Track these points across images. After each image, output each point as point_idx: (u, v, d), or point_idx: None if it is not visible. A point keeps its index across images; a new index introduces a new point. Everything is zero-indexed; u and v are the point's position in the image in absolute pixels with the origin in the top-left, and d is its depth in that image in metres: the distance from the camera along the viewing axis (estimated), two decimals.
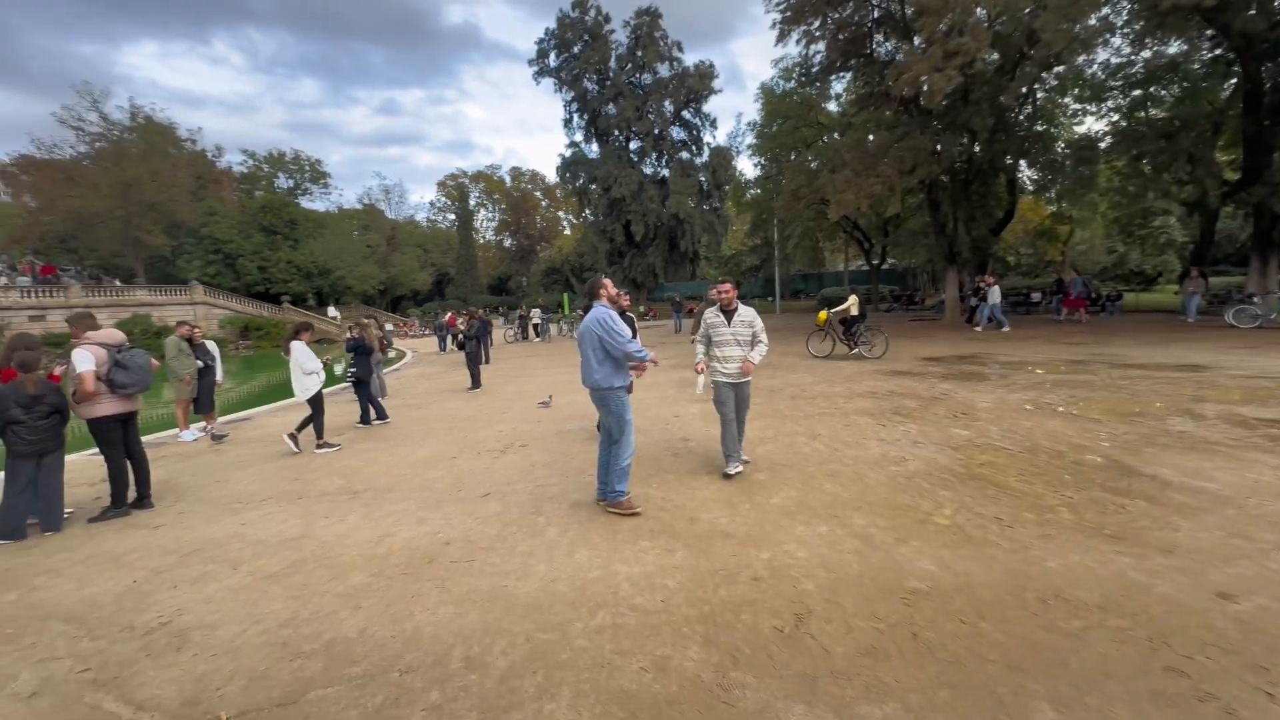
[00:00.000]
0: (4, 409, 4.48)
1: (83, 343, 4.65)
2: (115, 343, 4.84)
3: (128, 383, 4.77)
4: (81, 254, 41.40)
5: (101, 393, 4.67)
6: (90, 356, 4.57)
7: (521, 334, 25.22)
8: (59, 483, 4.82)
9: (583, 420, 7.85)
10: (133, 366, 4.77)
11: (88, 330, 4.71)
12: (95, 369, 4.59)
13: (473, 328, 11.66)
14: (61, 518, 4.86)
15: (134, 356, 4.84)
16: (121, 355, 4.75)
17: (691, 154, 46.06)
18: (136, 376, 4.80)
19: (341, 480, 5.71)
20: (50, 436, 4.71)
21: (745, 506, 4.27)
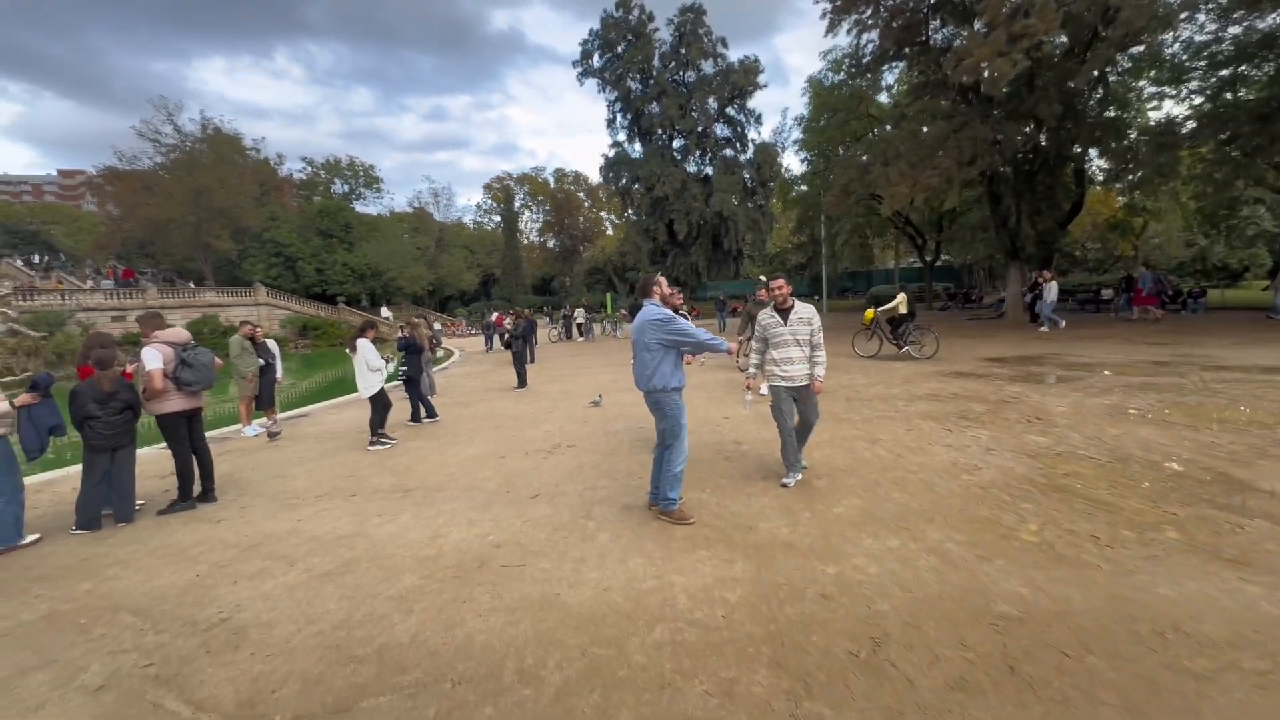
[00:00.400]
0: (81, 405, 4.67)
1: (151, 341, 4.81)
2: (181, 341, 5.00)
3: (193, 380, 4.91)
4: (158, 258, 44.16)
5: (169, 390, 4.82)
6: (158, 355, 4.72)
7: (565, 334, 25.37)
8: (131, 476, 5.01)
9: (629, 421, 7.72)
10: (197, 364, 4.91)
11: (156, 330, 4.87)
12: (163, 367, 4.74)
13: (519, 327, 11.71)
14: (133, 509, 5.05)
15: (198, 355, 4.98)
16: (187, 354, 4.90)
17: (735, 151, 45.53)
18: (201, 374, 4.94)
19: (393, 478, 5.75)
20: (123, 432, 4.89)
21: (806, 515, 4.03)
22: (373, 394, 7.23)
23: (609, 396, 9.68)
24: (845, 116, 27.17)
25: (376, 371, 7.24)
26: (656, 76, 43.02)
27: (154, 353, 4.72)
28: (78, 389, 4.74)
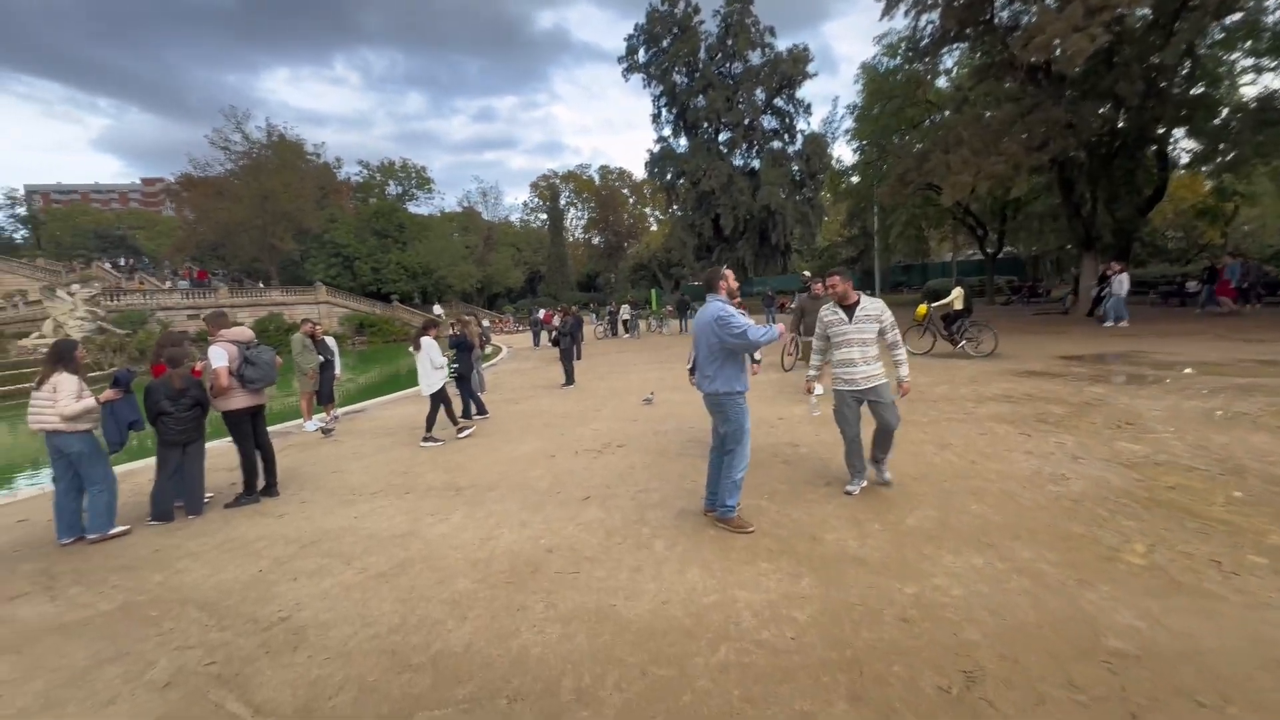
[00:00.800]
0: (155, 401, 4.86)
1: (217, 340, 4.96)
2: (245, 340, 5.13)
3: (256, 378, 5.04)
4: (228, 260, 46.81)
5: (234, 387, 4.95)
6: (224, 353, 4.86)
7: (611, 330, 25.38)
8: (200, 470, 5.19)
9: (679, 421, 7.54)
10: (260, 363, 5.03)
11: (221, 328, 5.02)
12: (228, 365, 4.88)
13: (567, 324, 11.71)
14: (202, 502, 5.23)
15: (261, 353, 5.11)
16: (250, 352, 5.03)
17: (784, 143, 44.44)
18: (263, 372, 5.06)
19: (445, 476, 5.77)
20: (193, 427, 5.07)
21: (875, 527, 3.76)
22: (434, 391, 7.31)
23: (657, 394, 9.52)
24: (901, 103, 26.05)
25: (439, 369, 7.33)
26: (702, 69, 42.42)
27: (220, 351, 4.86)
28: (151, 386, 4.94)
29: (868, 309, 4.21)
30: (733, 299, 3.95)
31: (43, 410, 4.43)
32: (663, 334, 24.91)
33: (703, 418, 7.50)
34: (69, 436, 4.47)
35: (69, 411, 4.41)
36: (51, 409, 4.40)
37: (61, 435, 4.45)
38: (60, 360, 4.52)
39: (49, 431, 4.45)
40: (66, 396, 4.42)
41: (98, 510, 4.59)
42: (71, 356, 4.60)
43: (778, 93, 42.85)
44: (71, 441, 4.49)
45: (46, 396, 4.43)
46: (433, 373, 7.29)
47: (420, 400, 11.06)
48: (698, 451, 5.96)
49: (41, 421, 4.44)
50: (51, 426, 4.43)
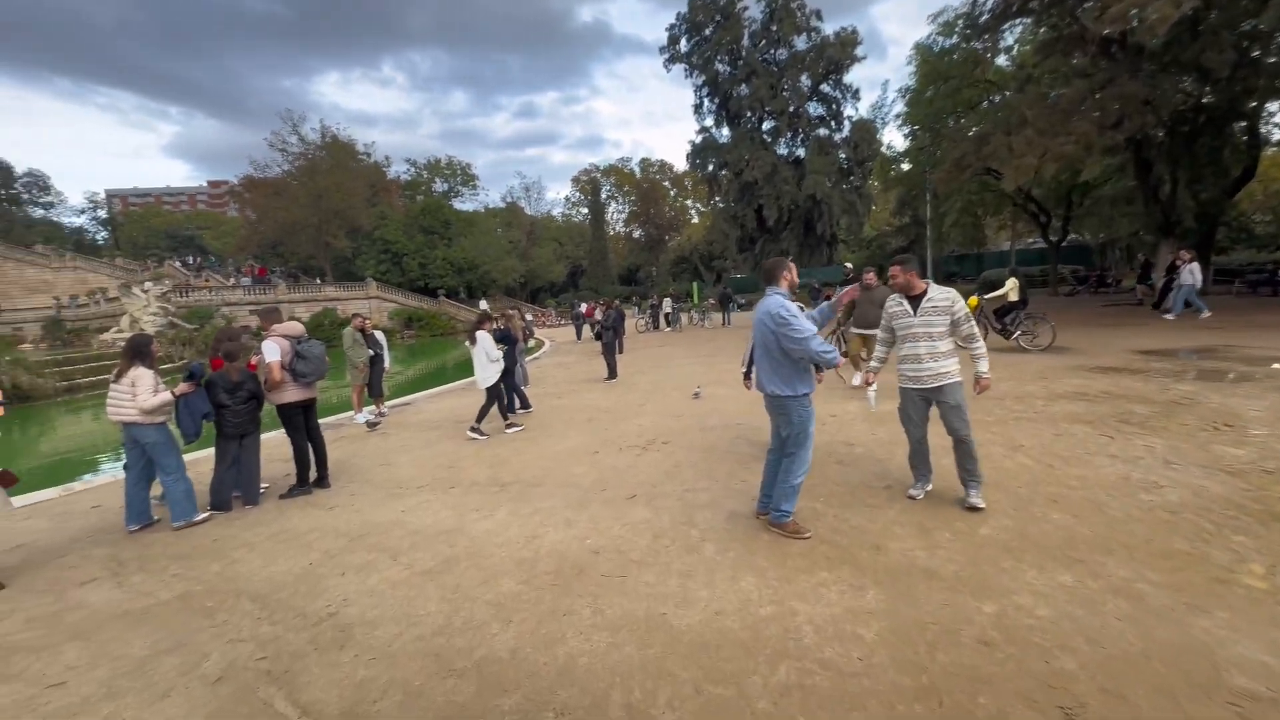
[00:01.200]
0: (214, 395, 4.99)
1: (270, 335, 5.05)
2: (296, 334, 5.22)
3: (307, 371, 5.12)
4: (286, 257, 48.94)
5: (286, 381, 5.04)
6: (276, 348, 4.95)
7: (653, 324, 25.22)
8: (256, 461, 5.33)
9: (725, 417, 7.32)
10: (310, 356, 5.11)
11: (273, 323, 5.11)
12: (280, 359, 4.96)
13: (609, 317, 11.61)
14: (259, 492, 5.37)
15: (311, 347, 5.18)
16: (301, 346, 5.11)
17: (830, 130, 43.13)
18: (314, 365, 5.13)
19: (490, 471, 5.75)
20: (249, 419, 5.20)
21: (945, 535, 3.48)
22: (490, 385, 7.33)
23: (702, 389, 9.32)
24: (957, 84, 24.77)
25: (495, 362, 7.35)
26: (746, 57, 41.53)
27: (272, 345, 4.95)
28: (210, 379, 5.07)
29: (935, 300, 3.84)
30: (793, 293, 3.70)
31: (121, 403, 4.60)
32: (705, 327, 24.58)
33: (750, 414, 7.29)
34: (145, 428, 4.64)
35: (147, 405, 4.57)
36: (130, 402, 4.57)
37: (138, 426, 4.62)
38: (137, 355, 4.68)
39: (126, 423, 4.62)
40: (145, 390, 4.58)
41: (177, 499, 4.74)
42: (148, 351, 4.75)
43: (824, 78, 41.57)
44: (147, 432, 4.65)
45: (125, 390, 4.60)
46: (488, 365, 7.31)
47: (464, 393, 11.24)
48: (746, 449, 5.75)
49: (120, 413, 4.61)
50: (130, 418, 4.59)
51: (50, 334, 29.74)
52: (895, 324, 4.02)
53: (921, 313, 3.86)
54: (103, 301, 32.99)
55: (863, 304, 7.83)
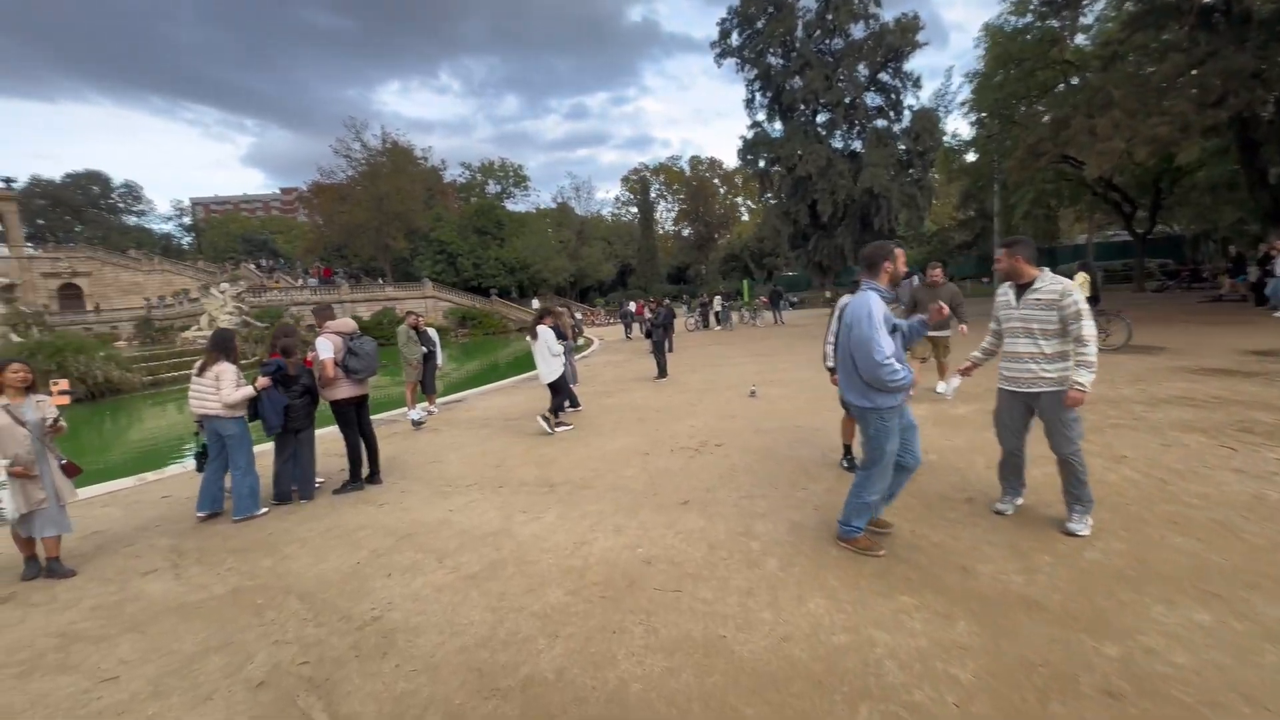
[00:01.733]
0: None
1: (323, 332, 5.07)
2: (348, 331, 5.23)
3: (359, 368, 5.12)
4: (349, 259, 51.17)
5: (339, 378, 5.05)
6: (329, 345, 4.97)
7: (703, 322, 24.83)
8: (312, 456, 5.38)
9: (783, 419, 6.96)
10: (362, 353, 5.11)
11: (326, 321, 5.13)
12: (334, 355, 4.97)
13: (659, 315, 11.38)
14: (314, 486, 5.42)
15: (363, 344, 5.18)
16: (354, 343, 5.12)
17: (889, 121, 41.41)
18: (366, 362, 5.13)
19: (539, 471, 5.61)
20: (304, 415, 5.24)
21: (1044, 559, 3.06)
22: (555, 379, 7.24)
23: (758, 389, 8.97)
24: (1031, 66, 23.17)
25: (557, 357, 7.27)
26: (799, 48, 40.39)
27: (325, 343, 4.97)
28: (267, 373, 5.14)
29: (1042, 291, 3.27)
30: (895, 288, 3.28)
31: (205, 396, 4.71)
32: (757, 326, 24.01)
33: (810, 415, 6.90)
34: (226, 421, 4.74)
35: (231, 399, 4.67)
36: (213, 396, 4.68)
37: (219, 419, 4.72)
38: (222, 349, 4.79)
39: (208, 415, 4.73)
40: (228, 385, 4.68)
41: (242, 494, 4.81)
42: (232, 346, 4.87)
43: (883, 67, 39.94)
44: (228, 425, 4.75)
45: (209, 384, 4.71)
46: (551, 360, 7.22)
47: (514, 391, 11.26)
48: (806, 454, 5.39)
49: (203, 406, 4.72)
50: (212, 411, 4.70)
51: (141, 332, 32.14)
52: (999, 314, 3.53)
53: (1025, 304, 3.35)
54: (185, 302, 35.39)
55: (925, 301, 7.26)
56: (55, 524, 4.03)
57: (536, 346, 7.30)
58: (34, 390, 4.06)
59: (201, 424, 4.96)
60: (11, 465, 3.79)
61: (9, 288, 17.55)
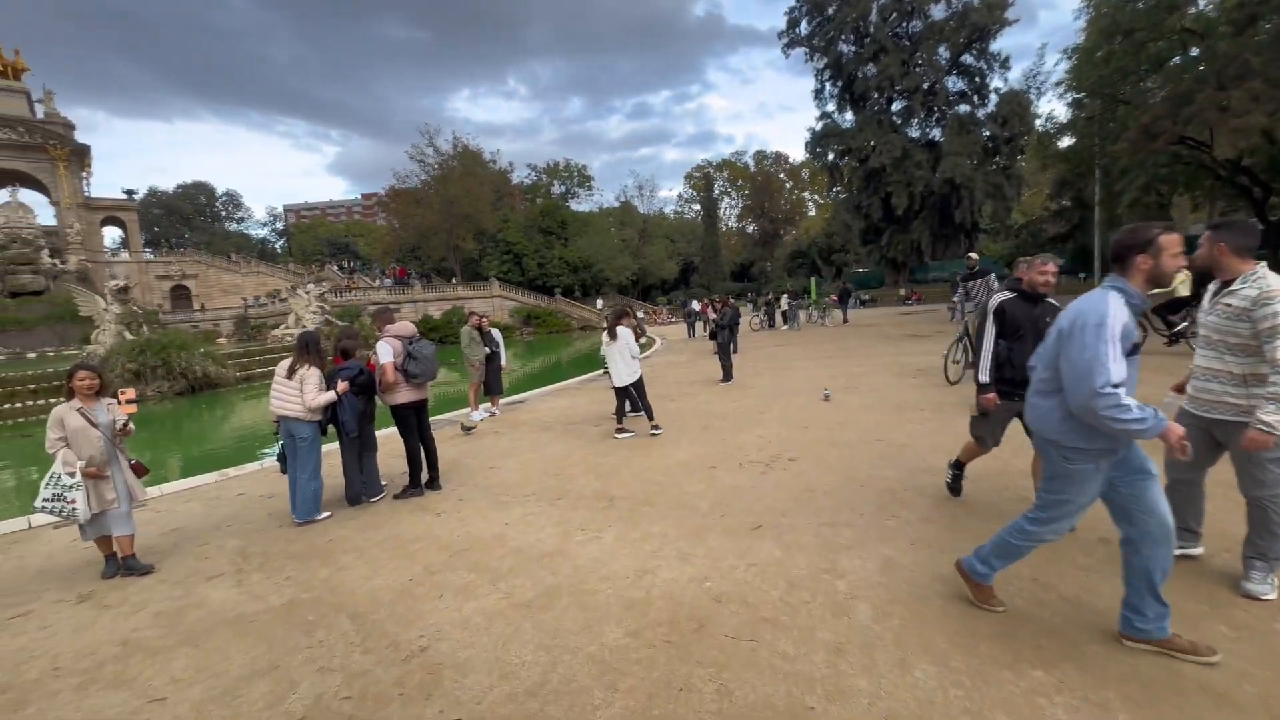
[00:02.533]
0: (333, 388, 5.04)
1: (383, 335, 5.00)
2: (407, 335, 5.13)
3: (418, 372, 5.01)
4: (422, 260, 53.36)
5: (399, 382, 4.96)
6: (389, 349, 4.88)
7: (768, 321, 24.00)
8: (374, 458, 5.36)
9: (863, 430, 6.37)
10: (421, 357, 4.99)
11: (386, 324, 5.06)
12: (394, 360, 4.89)
13: (725, 315, 10.89)
14: (380, 488, 5.40)
15: (422, 348, 5.07)
16: (412, 347, 5.01)
17: (972, 106, 38.86)
18: (425, 366, 5.02)
19: (598, 482, 5.33)
20: (369, 417, 5.23)
21: (1219, 628, 2.44)
22: (632, 381, 6.98)
23: (836, 394, 8.37)
24: (1143, 36, 20.81)
25: (637, 359, 7.01)
26: (873, 33, 38.47)
27: (385, 347, 4.89)
28: (331, 375, 5.13)
29: (1235, 298, 2.55)
30: (1161, 288, 2.62)
31: (288, 398, 4.74)
32: (826, 326, 22.94)
33: (893, 427, 6.27)
34: (302, 423, 4.76)
35: (315, 403, 4.71)
36: (298, 398, 4.70)
37: (297, 422, 4.74)
38: (310, 350, 4.82)
39: (288, 417, 4.74)
40: (312, 389, 4.72)
41: (306, 497, 4.82)
42: (318, 349, 4.90)
43: (966, 48, 37.43)
44: (304, 428, 4.77)
45: (294, 386, 4.73)
46: (630, 362, 6.95)
47: (575, 392, 11.08)
48: (894, 475, 4.83)
49: (285, 408, 4.74)
50: (293, 414, 4.72)
51: (239, 329, 34.80)
52: (1202, 321, 2.80)
53: (1214, 309, 2.66)
54: (277, 301, 37.99)
55: None
56: (127, 523, 4.12)
57: (616, 348, 6.98)
58: (103, 394, 4.16)
59: (279, 424, 5.02)
60: (86, 466, 3.90)
61: (124, 289, 19.27)
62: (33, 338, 31.48)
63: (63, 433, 3.91)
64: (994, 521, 3.66)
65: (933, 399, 7.62)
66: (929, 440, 5.76)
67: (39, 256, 40.36)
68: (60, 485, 3.88)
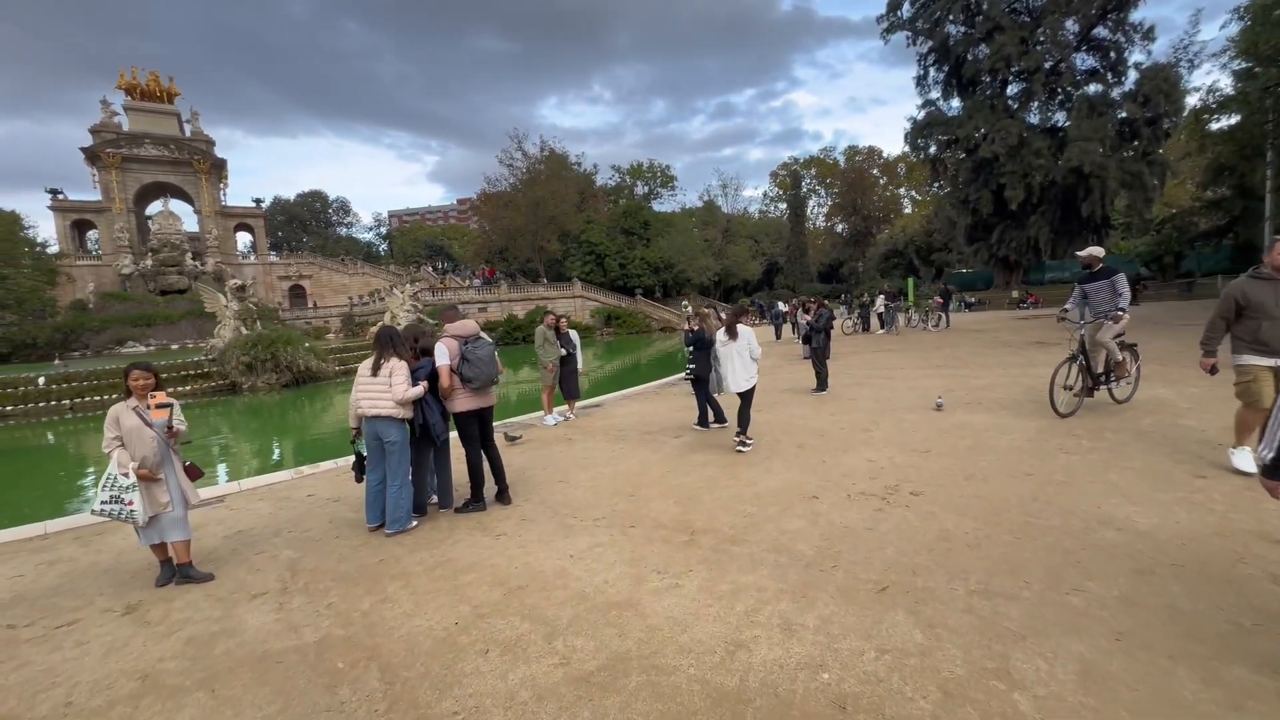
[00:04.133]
0: None
1: (444, 334, 4.55)
2: (467, 334, 4.67)
3: (473, 376, 4.53)
4: (509, 260, 55.03)
5: (458, 387, 4.50)
6: (445, 351, 4.42)
7: (863, 325, 22.22)
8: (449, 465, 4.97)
9: (997, 456, 5.22)
10: (474, 359, 4.50)
11: (449, 321, 4.61)
12: (450, 362, 4.42)
13: (820, 318, 9.79)
14: (451, 499, 5.01)
15: (478, 348, 4.59)
16: (468, 347, 4.54)
17: (1106, 85, 34.46)
18: (479, 370, 4.52)
19: (678, 508, 4.61)
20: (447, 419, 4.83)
21: None
22: (753, 386, 6.28)
23: (948, 409, 7.17)
24: None
25: (757, 362, 6.30)
26: (986, 10, 35.01)
27: (443, 348, 4.44)
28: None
29: None
30: None
31: (377, 394, 4.40)
32: (929, 330, 20.87)
33: (1043, 459, 5.01)
34: (390, 425, 4.41)
35: (407, 395, 4.36)
36: (387, 394, 4.37)
37: (386, 422, 4.39)
38: (391, 344, 4.48)
39: (378, 416, 4.39)
40: (401, 380, 4.38)
41: (400, 506, 4.47)
42: (400, 341, 4.56)
43: (1100, 19, 33.27)
44: (392, 430, 4.43)
45: (382, 381, 4.39)
46: (750, 365, 6.21)
47: (654, 397, 10.40)
48: (1059, 524, 3.74)
49: (376, 405, 4.40)
50: (385, 411, 4.38)
51: (345, 327, 37.32)
52: None
53: None
54: (377, 300, 40.39)
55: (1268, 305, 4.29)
56: (182, 528, 3.89)
57: (735, 348, 6.19)
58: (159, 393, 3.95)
59: (359, 430, 4.69)
60: (139, 467, 3.68)
61: (241, 287, 20.92)
62: (176, 331, 35.36)
63: (118, 432, 3.72)
64: (1241, 612, 2.57)
65: (1088, 423, 6.25)
66: (1096, 478, 4.55)
67: (183, 259, 45.47)
68: (117, 487, 3.69)
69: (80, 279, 44.27)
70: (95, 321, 36.33)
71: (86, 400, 16.59)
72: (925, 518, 4.01)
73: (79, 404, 16.42)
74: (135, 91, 48.14)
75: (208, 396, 18.18)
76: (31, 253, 33.16)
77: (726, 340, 6.26)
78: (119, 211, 46.54)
